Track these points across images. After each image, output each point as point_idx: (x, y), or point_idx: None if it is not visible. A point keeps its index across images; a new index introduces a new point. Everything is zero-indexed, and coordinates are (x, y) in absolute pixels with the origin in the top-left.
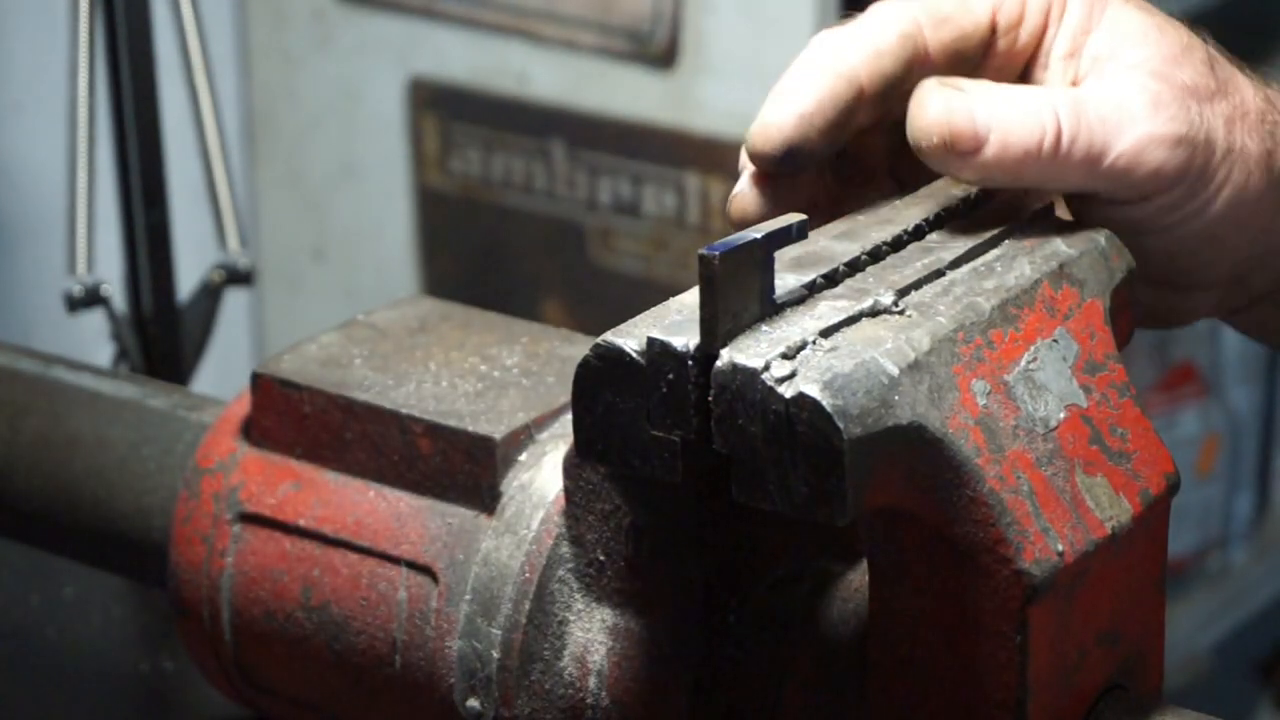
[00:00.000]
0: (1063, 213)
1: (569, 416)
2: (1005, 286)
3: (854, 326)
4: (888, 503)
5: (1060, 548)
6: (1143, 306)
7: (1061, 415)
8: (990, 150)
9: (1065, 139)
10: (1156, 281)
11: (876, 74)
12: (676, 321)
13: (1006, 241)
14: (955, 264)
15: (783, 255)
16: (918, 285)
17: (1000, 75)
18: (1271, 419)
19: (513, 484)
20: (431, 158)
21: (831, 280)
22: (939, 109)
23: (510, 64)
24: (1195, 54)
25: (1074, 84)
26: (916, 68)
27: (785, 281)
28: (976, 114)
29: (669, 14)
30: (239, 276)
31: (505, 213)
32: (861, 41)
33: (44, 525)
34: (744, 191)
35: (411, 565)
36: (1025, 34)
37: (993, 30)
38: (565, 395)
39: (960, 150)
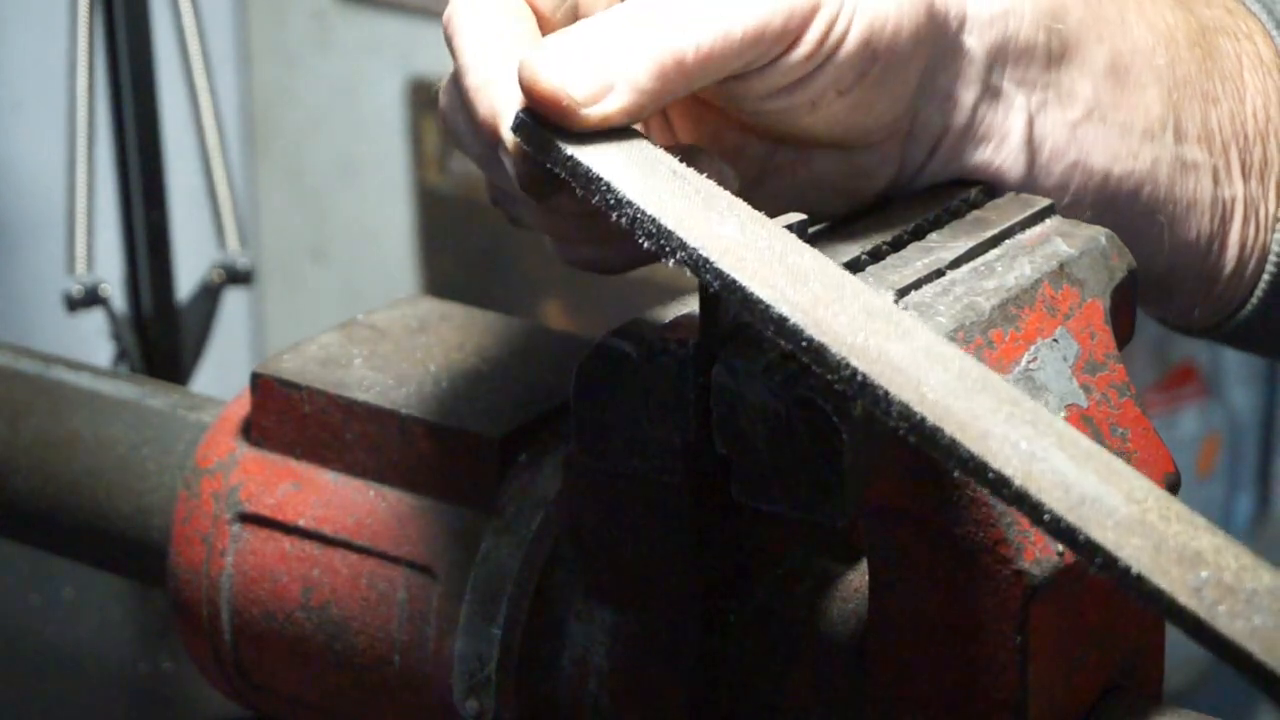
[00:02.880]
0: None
1: (569, 416)
2: (1005, 286)
3: None
4: (887, 503)
5: (1060, 548)
6: (828, 184)
7: (1061, 415)
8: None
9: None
10: (831, 146)
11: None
12: (676, 322)
13: (1006, 241)
14: (955, 264)
15: None
16: (918, 285)
17: None
18: (1271, 419)
19: (513, 484)
20: (431, 158)
21: None
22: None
23: None
24: None
25: None
26: None
27: None
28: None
29: None
30: (239, 276)
31: None
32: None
33: (44, 525)
34: None
35: (411, 565)
36: None
37: None
38: (565, 395)
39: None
